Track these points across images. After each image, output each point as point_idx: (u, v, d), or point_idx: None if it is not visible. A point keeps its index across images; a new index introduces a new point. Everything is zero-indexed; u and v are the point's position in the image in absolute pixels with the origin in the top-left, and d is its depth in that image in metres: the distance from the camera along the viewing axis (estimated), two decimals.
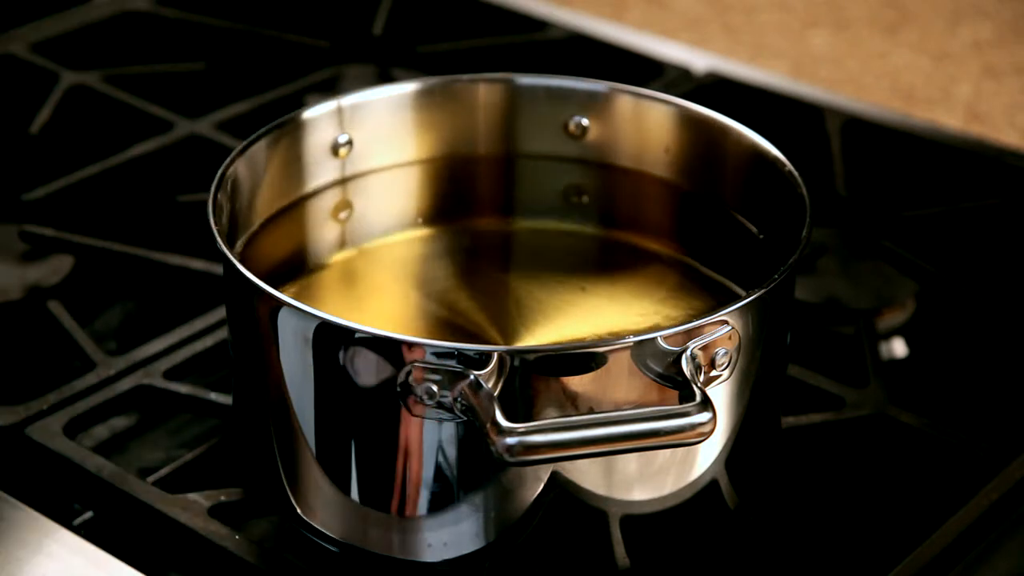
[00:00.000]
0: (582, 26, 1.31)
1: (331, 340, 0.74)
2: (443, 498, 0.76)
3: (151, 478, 0.86)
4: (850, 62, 1.42)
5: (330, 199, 0.90)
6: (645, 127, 0.91)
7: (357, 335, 0.73)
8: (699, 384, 0.72)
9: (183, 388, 0.92)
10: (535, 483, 0.75)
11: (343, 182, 0.91)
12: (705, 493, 0.78)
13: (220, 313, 0.97)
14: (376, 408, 0.74)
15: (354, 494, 0.78)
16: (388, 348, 0.73)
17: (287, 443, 0.79)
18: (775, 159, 0.84)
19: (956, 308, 1.03)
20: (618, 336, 0.75)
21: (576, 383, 0.73)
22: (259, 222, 0.87)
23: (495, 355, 0.71)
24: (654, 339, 0.73)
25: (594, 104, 0.92)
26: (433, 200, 0.94)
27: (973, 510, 0.83)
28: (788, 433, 0.88)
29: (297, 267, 0.87)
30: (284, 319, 0.75)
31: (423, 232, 0.91)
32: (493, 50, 1.29)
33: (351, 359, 0.74)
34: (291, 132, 0.88)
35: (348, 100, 0.90)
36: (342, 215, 0.91)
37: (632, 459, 0.75)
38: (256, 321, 0.78)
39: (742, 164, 0.88)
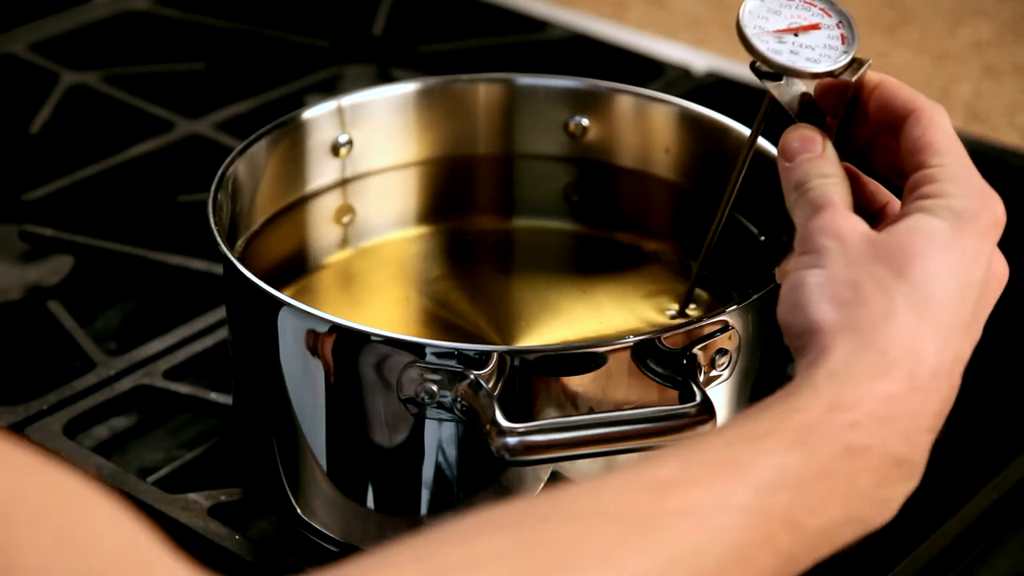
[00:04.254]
0: (582, 26, 1.31)
1: (331, 340, 0.74)
2: (443, 498, 0.76)
3: (151, 478, 0.86)
4: None
5: (330, 199, 0.90)
6: (645, 127, 0.91)
7: (357, 335, 0.73)
8: (699, 384, 0.72)
9: (183, 388, 0.92)
10: (535, 483, 0.75)
11: (343, 182, 0.91)
12: None
13: (220, 313, 0.97)
14: (376, 408, 0.74)
15: (354, 494, 0.78)
16: (388, 348, 0.73)
17: (287, 443, 0.79)
18: (775, 159, 0.84)
19: None
20: (618, 336, 0.75)
21: (576, 383, 0.73)
22: (259, 222, 0.87)
23: (495, 355, 0.72)
24: (654, 339, 0.73)
25: (594, 104, 0.92)
26: (433, 200, 0.93)
27: (973, 510, 0.83)
28: None
29: (297, 267, 0.87)
30: (284, 319, 0.75)
31: (423, 232, 0.91)
32: (493, 50, 1.29)
33: (351, 359, 0.74)
34: (291, 132, 0.88)
35: (348, 100, 0.90)
36: (342, 215, 0.91)
37: (633, 459, 0.75)
38: (256, 321, 0.78)
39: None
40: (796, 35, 0.72)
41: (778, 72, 0.71)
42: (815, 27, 0.72)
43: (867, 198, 0.71)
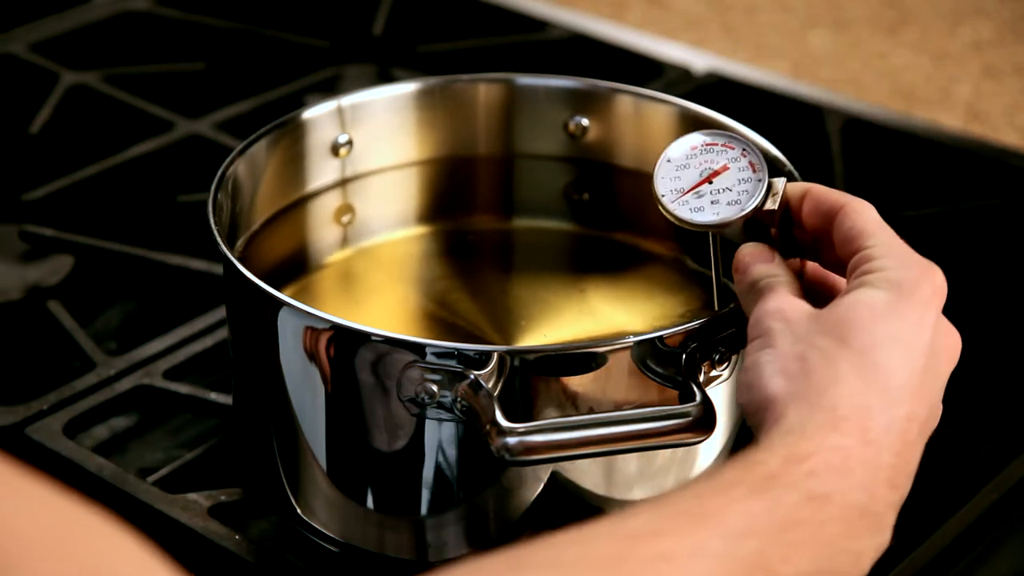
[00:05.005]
0: (582, 26, 1.31)
1: (331, 340, 0.74)
2: (443, 498, 0.76)
3: (151, 478, 0.86)
4: (850, 62, 1.42)
5: (330, 199, 0.90)
6: (645, 127, 0.91)
7: (357, 335, 0.73)
8: (699, 384, 0.72)
9: (183, 388, 0.92)
10: (535, 483, 0.75)
11: (343, 182, 0.91)
12: None
13: (220, 313, 0.97)
14: (376, 408, 0.74)
15: (354, 494, 0.78)
16: (388, 348, 0.73)
17: (287, 443, 0.79)
18: (775, 159, 0.84)
19: (956, 308, 1.03)
20: (618, 336, 0.75)
21: (576, 383, 0.73)
22: (259, 222, 0.87)
23: (495, 355, 0.71)
24: (654, 339, 0.73)
25: (594, 104, 0.92)
26: (433, 200, 0.94)
27: (973, 510, 0.83)
28: None
29: (297, 267, 0.87)
30: (284, 319, 0.75)
31: (423, 232, 0.91)
32: (493, 50, 1.29)
33: (351, 359, 0.74)
34: (291, 132, 0.88)
35: (348, 100, 0.90)
36: (342, 215, 0.91)
37: (632, 459, 0.75)
38: (256, 321, 0.78)
39: None
40: (711, 182, 0.74)
41: (707, 229, 0.74)
42: (724, 168, 0.75)
43: (830, 288, 0.74)
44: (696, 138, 0.76)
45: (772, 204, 0.73)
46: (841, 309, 0.67)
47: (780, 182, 0.74)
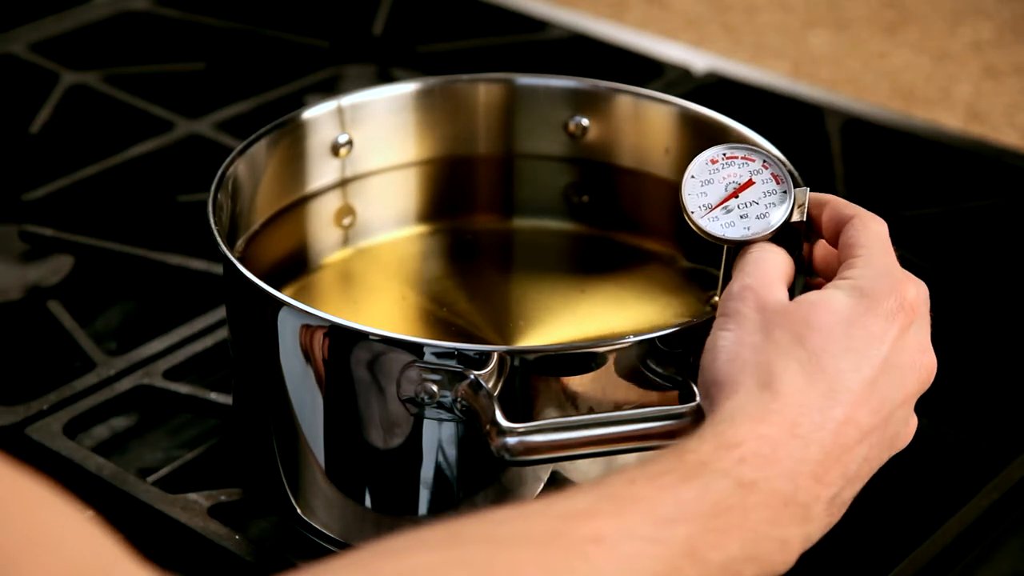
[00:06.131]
0: (582, 26, 1.31)
1: (331, 340, 0.74)
2: (443, 498, 0.76)
3: (151, 478, 0.86)
4: (850, 62, 1.42)
5: (330, 199, 0.90)
6: (645, 127, 0.91)
7: (357, 335, 0.73)
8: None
9: (183, 388, 0.92)
10: (535, 483, 0.75)
11: (343, 182, 0.91)
12: None
13: (220, 313, 0.97)
14: (376, 408, 0.74)
15: (354, 494, 0.78)
16: (388, 348, 0.73)
17: (287, 443, 0.79)
18: (776, 159, 0.84)
19: (955, 308, 1.03)
20: (618, 336, 0.75)
21: (576, 383, 0.73)
22: (259, 222, 0.87)
23: (495, 355, 0.72)
24: (654, 339, 0.73)
25: (594, 104, 0.92)
26: (433, 200, 0.94)
27: (973, 510, 0.83)
28: None
29: (297, 267, 0.87)
30: (284, 319, 0.75)
31: (423, 232, 0.91)
32: (493, 50, 1.29)
33: (351, 359, 0.74)
34: (291, 132, 0.88)
35: (348, 100, 0.90)
36: (342, 215, 0.91)
37: (632, 459, 0.75)
38: (256, 321, 0.78)
39: None
40: (737, 196, 0.74)
41: (739, 244, 0.73)
42: (750, 183, 0.74)
43: None
44: (716, 151, 0.76)
45: (799, 216, 0.74)
46: (805, 308, 0.68)
47: (803, 193, 0.74)
